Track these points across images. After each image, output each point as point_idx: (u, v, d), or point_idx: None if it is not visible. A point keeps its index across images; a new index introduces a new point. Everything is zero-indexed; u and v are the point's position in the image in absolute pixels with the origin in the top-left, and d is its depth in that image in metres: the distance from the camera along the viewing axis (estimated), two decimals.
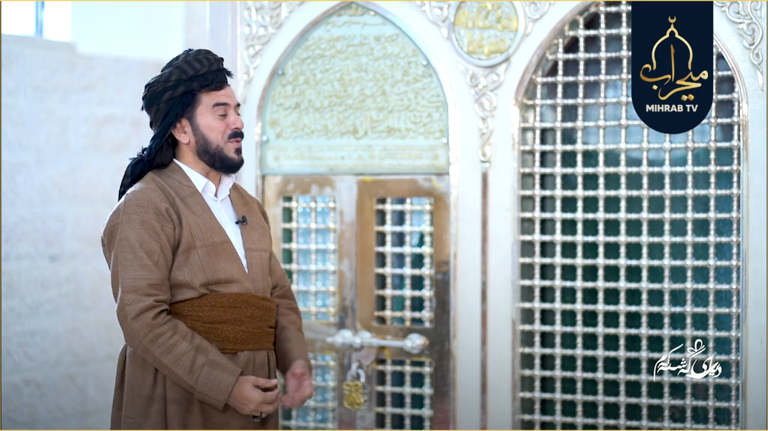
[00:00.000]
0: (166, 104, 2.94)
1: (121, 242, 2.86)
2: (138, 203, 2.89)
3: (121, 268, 2.85)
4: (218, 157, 2.97)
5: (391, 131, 3.81)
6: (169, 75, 2.94)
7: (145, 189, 2.92)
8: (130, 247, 2.85)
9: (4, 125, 5.01)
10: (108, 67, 5.50)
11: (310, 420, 3.97)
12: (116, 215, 2.91)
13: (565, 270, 3.69)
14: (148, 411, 2.88)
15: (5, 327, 5.00)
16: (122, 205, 2.91)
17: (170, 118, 2.94)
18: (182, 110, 2.94)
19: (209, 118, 2.96)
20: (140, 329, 2.81)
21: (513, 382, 3.69)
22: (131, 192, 2.93)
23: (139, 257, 2.84)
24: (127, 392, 2.91)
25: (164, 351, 2.81)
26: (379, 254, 3.87)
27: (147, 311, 2.82)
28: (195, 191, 2.97)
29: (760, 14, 3.38)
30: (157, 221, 2.87)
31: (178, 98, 2.94)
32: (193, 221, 2.91)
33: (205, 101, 2.95)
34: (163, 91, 2.94)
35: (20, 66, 5.11)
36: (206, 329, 2.90)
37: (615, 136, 3.64)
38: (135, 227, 2.86)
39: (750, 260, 3.39)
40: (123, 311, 2.83)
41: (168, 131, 2.96)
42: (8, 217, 5.05)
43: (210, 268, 2.91)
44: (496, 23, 3.69)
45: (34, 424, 5.13)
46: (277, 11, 3.92)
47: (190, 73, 2.94)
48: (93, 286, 5.39)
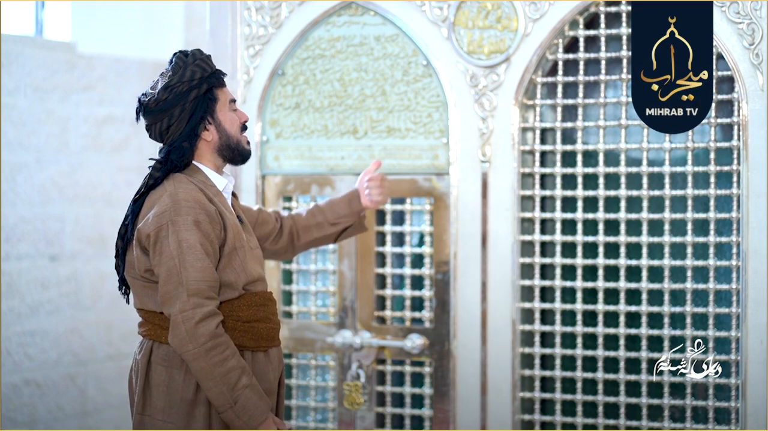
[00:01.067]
0: (192, 103, 2.93)
1: (180, 243, 2.82)
2: (188, 203, 2.86)
3: (183, 270, 2.81)
4: (237, 150, 3.02)
5: (391, 131, 3.81)
6: (192, 74, 2.93)
7: (189, 189, 2.89)
8: (189, 248, 2.82)
9: (4, 125, 5.01)
10: (108, 67, 5.50)
11: (310, 420, 3.97)
12: (165, 216, 2.85)
13: (565, 270, 3.69)
14: (193, 415, 2.87)
15: (5, 327, 5.00)
16: (171, 206, 2.86)
17: (197, 116, 2.95)
18: (208, 107, 2.96)
19: (227, 113, 3.00)
20: (203, 335, 2.79)
21: (513, 382, 3.69)
22: (175, 193, 2.88)
23: (200, 258, 2.83)
24: (163, 395, 2.88)
25: (218, 362, 2.79)
26: (379, 254, 3.87)
27: (211, 319, 2.81)
28: (218, 191, 2.98)
29: (760, 14, 3.38)
30: (209, 222, 2.86)
31: (202, 97, 2.95)
32: (231, 222, 2.94)
33: (222, 98, 2.99)
34: (190, 90, 2.93)
35: (20, 66, 5.11)
36: (245, 328, 2.93)
37: (615, 136, 3.64)
38: (190, 228, 2.84)
39: (750, 260, 3.39)
40: (186, 313, 2.79)
41: (198, 130, 2.96)
42: (8, 217, 5.05)
43: (247, 268, 2.94)
44: (496, 23, 3.69)
45: (34, 424, 5.13)
46: (277, 11, 3.92)
47: (209, 71, 2.96)
48: (93, 286, 5.38)
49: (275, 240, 3.35)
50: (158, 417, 2.88)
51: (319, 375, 3.97)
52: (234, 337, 2.90)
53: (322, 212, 3.41)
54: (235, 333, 2.91)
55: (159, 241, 2.85)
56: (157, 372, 2.89)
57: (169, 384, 2.88)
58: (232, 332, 2.90)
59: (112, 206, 5.46)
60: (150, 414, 2.90)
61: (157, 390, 2.89)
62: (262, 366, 2.95)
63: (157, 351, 2.91)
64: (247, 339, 2.93)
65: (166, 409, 2.87)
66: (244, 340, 2.92)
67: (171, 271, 2.82)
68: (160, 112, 2.93)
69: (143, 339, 2.96)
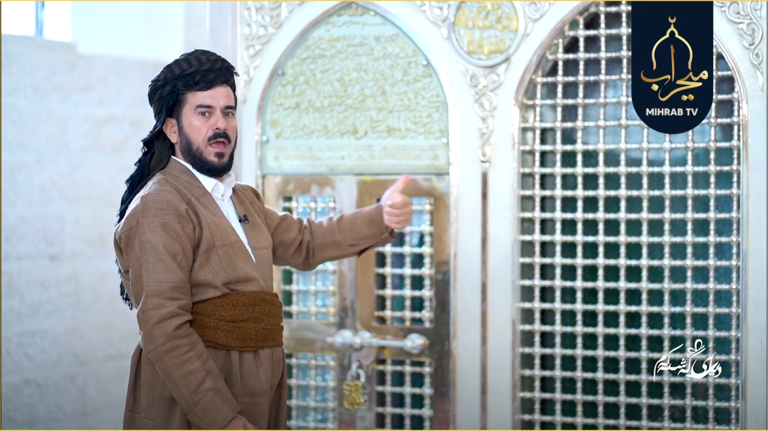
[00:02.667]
0: (158, 103, 2.97)
1: (143, 245, 2.83)
2: (157, 205, 2.86)
3: (145, 271, 2.82)
4: (198, 159, 2.97)
5: (391, 131, 3.81)
6: (160, 74, 2.98)
7: (161, 191, 2.89)
8: (152, 249, 2.82)
9: (4, 125, 5.02)
10: (108, 67, 5.50)
11: (310, 420, 3.97)
12: (134, 218, 2.87)
13: (565, 270, 3.69)
14: (172, 413, 2.87)
15: (5, 327, 5.01)
16: (140, 207, 2.87)
17: (161, 117, 2.97)
18: (167, 109, 2.96)
19: (191, 118, 2.95)
20: (159, 336, 2.79)
21: (513, 382, 3.69)
22: (146, 195, 2.89)
23: (162, 259, 2.82)
24: (146, 393, 2.89)
25: (176, 364, 2.79)
26: (379, 254, 3.87)
27: (170, 320, 2.80)
28: (205, 192, 2.97)
29: (760, 14, 3.38)
30: (178, 222, 2.85)
31: (165, 98, 2.95)
32: (210, 221, 2.92)
33: (190, 101, 2.95)
34: (155, 90, 2.98)
35: (20, 66, 5.11)
36: (229, 328, 2.91)
37: (615, 136, 3.64)
38: (156, 230, 2.84)
39: (750, 260, 3.39)
40: (145, 314, 2.80)
41: (157, 128, 2.99)
42: (8, 217, 5.05)
43: (230, 267, 2.92)
44: (496, 23, 3.69)
45: (34, 424, 5.13)
46: (277, 11, 3.92)
47: (176, 73, 2.95)
48: (93, 286, 5.39)
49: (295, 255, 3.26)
50: (143, 414, 2.90)
51: (319, 375, 3.97)
52: (217, 336, 2.89)
53: (343, 231, 3.25)
54: (218, 332, 2.90)
55: (129, 243, 2.87)
56: (144, 370, 2.91)
57: (152, 382, 2.89)
58: (214, 331, 2.89)
59: (112, 206, 5.45)
60: (137, 411, 2.92)
61: (143, 388, 2.91)
62: (249, 367, 2.94)
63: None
64: (232, 339, 2.91)
65: (149, 406, 2.89)
66: (229, 340, 2.91)
67: (135, 273, 2.85)
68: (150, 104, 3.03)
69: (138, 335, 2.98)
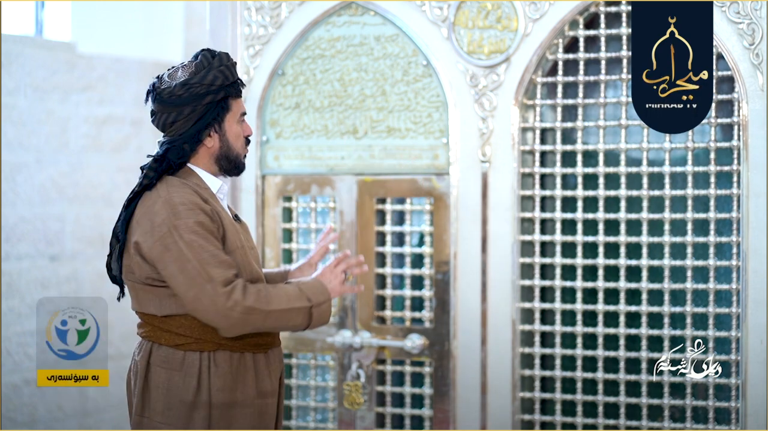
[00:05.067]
0: (205, 107, 2.91)
1: (190, 244, 2.79)
2: (185, 206, 2.84)
3: (203, 267, 2.78)
4: (235, 163, 2.99)
5: (391, 131, 3.81)
6: (214, 79, 2.91)
7: (182, 193, 2.86)
8: (200, 246, 2.80)
9: (4, 125, 5.02)
10: (108, 67, 5.50)
11: (310, 420, 3.97)
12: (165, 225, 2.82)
13: (565, 270, 3.69)
14: (192, 417, 2.85)
15: (5, 327, 5.00)
16: (168, 212, 2.83)
17: (205, 121, 2.92)
18: (218, 116, 2.94)
19: (234, 125, 2.97)
20: (238, 298, 2.78)
21: (513, 382, 3.69)
22: (169, 198, 2.85)
23: (214, 253, 2.81)
24: (162, 397, 2.87)
25: (268, 301, 2.82)
26: (379, 254, 3.87)
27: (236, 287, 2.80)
28: (212, 194, 2.96)
29: (760, 14, 3.38)
30: (211, 221, 2.86)
31: (216, 103, 2.93)
32: (228, 222, 2.92)
33: (234, 109, 2.97)
34: (206, 94, 2.91)
35: (20, 66, 5.11)
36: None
37: (615, 136, 3.64)
38: (195, 229, 2.81)
39: (750, 260, 3.39)
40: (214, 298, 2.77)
41: (202, 135, 2.93)
42: (8, 217, 5.05)
43: (247, 268, 2.93)
44: (496, 23, 3.69)
45: (34, 424, 5.13)
46: (277, 11, 3.92)
47: (231, 80, 2.94)
48: (93, 286, 5.38)
49: None
50: (157, 419, 2.87)
51: (319, 375, 3.97)
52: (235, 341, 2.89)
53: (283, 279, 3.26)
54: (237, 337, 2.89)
55: (167, 250, 2.81)
56: (157, 374, 2.88)
57: (168, 386, 2.86)
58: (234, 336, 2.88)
59: (112, 206, 5.46)
60: (149, 416, 2.89)
61: (156, 392, 2.88)
62: (262, 368, 2.95)
63: (157, 353, 2.89)
64: (246, 341, 2.91)
65: (164, 411, 2.86)
66: (243, 342, 2.91)
67: (192, 274, 2.79)
68: (170, 105, 2.91)
69: (142, 340, 2.95)
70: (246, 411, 2.90)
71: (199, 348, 2.87)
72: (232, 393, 2.87)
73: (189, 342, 2.87)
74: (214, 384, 2.86)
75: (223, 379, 2.87)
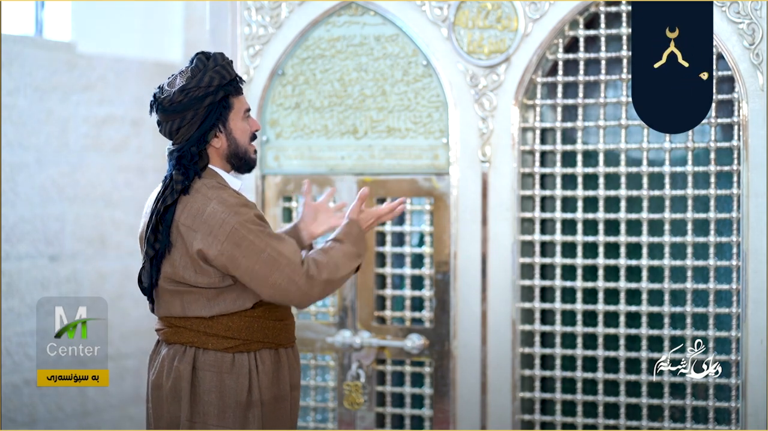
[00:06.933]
0: (206, 109, 2.93)
1: (259, 234, 2.87)
2: (241, 203, 2.91)
3: (279, 253, 2.87)
4: (245, 159, 3.01)
5: (391, 131, 3.81)
6: (210, 80, 2.92)
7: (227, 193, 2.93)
8: (269, 235, 2.89)
9: (4, 125, 5.01)
10: (108, 67, 5.50)
11: (310, 420, 3.97)
12: (229, 223, 2.86)
13: (565, 270, 3.69)
14: (246, 417, 2.91)
15: (5, 327, 5.00)
16: (226, 212, 2.87)
17: (209, 123, 2.94)
18: (221, 115, 2.95)
19: (239, 123, 2.98)
20: (314, 273, 2.89)
21: (513, 382, 3.69)
22: (221, 200, 2.89)
23: (280, 239, 2.90)
24: (215, 401, 2.90)
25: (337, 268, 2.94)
26: (379, 254, 3.87)
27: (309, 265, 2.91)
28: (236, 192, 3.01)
29: (760, 14, 3.38)
30: (263, 219, 2.94)
31: (217, 104, 2.94)
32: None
33: (236, 106, 2.98)
34: (205, 96, 2.92)
35: (20, 66, 5.11)
36: (279, 326, 2.98)
37: (615, 136, 3.64)
38: (257, 222, 2.89)
39: (750, 260, 3.39)
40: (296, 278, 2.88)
41: (208, 136, 2.95)
42: (8, 217, 5.05)
43: None
44: (496, 23, 3.69)
45: (34, 424, 5.13)
46: (277, 11, 3.92)
47: (228, 78, 2.95)
48: (93, 286, 5.38)
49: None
50: (212, 422, 2.90)
51: (319, 375, 3.97)
52: (272, 336, 2.96)
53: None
54: (273, 332, 2.96)
55: (238, 246, 2.86)
56: (207, 379, 2.91)
57: (221, 389, 2.91)
58: (271, 331, 2.95)
59: (112, 206, 5.46)
60: (202, 421, 2.91)
61: (209, 396, 2.91)
62: (292, 362, 3.02)
63: (204, 358, 2.92)
64: (282, 337, 2.99)
65: (219, 414, 2.90)
66: (280, 338, 2.98)
67: (269, 261, 2.86)
68: (172, 112, 2.93)
69: (180, 346, 2.95)
70: (284, 405, 2.98)
71: (247, 349, 2.93)
72: (276, 389, 2.96)
73: (237, 344, 2.92)
74: (262, 381, 2.93)
75: (268, 376, 2.94)
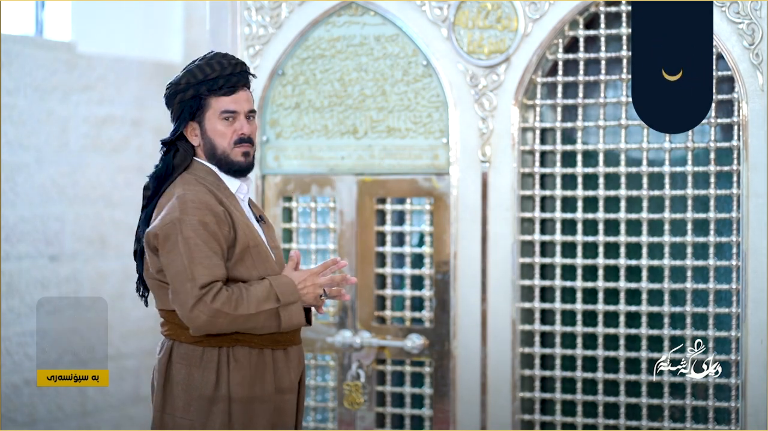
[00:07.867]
0: (178, 107, 2.96)
1: (187, 241, 2.83)
2: (195, 204, 2.87)
3: (192, 267, 2.82)
4: (224, 161, 2.98)
5: (391, 131, 3.81)
6: (181, 78, 2.96)
7: (196, 191, 2.91)
8: (195, 245, 2.84)
9: (4, 125, 5.01)
10: (108, 67, 5.50)
11: (310, 420, 3.97)
12: (172, 216, 2.87)
13: (565, 270, 3.69)
14: (211, 411, 2.89)
15: (5, 327, 5.00)
16: (178, 206, 2.87)
17: (181, 120, 2.97)
18: (190, 114, 2.96)
19: (216, 123, 2.96)
20: (207, 300, 2.81)
21: (513, 382, 3.69)
22: (183, 194, 2.90)
23: (207, 255, 2.84)
24: (181, 394, 2.90)
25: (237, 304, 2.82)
26: (379, 254, 3.87)
27: (210, 290, 2.82)
28: (231, 193, 2.99)
29: (760, 14, 3.38)
30: (216, 223, 2.87)
31: (187, 102, 2.95)
32: (242, 222, 2.94)
33: (214, 107, 2.95)
34: (175, 94, 2.96)
35: (20, 66, 5.11)
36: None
37: (615, 136, 3.64)
38: (197, 228, 2.84)
39: (750, 260, 3.39)
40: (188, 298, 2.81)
41: (178, 132, 2.98)
42: (8, 217, 5.05)
43: (262, 267, 2.94)
44: (496, 23, 3.69)
45: (34, 424, 5.13)
46: (277, 11, 3.92)
47: (199, 78, 2.94)
48: (93, 286, 5.38)
49: None
50: (178, 415, 2.91)
51: (319, 375, 3.97)
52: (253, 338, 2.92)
53: None
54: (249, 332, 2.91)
55: (168, 241, 2.86)
56: (177, 371, 2.92)
57: (188, 381, 2.90)
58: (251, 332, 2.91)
59: (112, 206, 5.46)
60: (170, 412, 2.92)
61: (177, 388, 2.91)
62: (281, 365, 2.97)
63: (177, 350, 2.93)
64: (266, 339, 2.94)
65: (186, 407, 2.90)
66: (263, 340, 2.94)
67: (179, 269, 2.84)
68: (166, 105, 3.00)
69: (164, 339, 2.98)
70: (265, 407, 2.93)
71: (218, 343, 2.90)
72: (250, 388, 2.91)
73: (207, 338, 2.90)
74: (233, 378, 2.90)
75: (241, 374, 2.90)
